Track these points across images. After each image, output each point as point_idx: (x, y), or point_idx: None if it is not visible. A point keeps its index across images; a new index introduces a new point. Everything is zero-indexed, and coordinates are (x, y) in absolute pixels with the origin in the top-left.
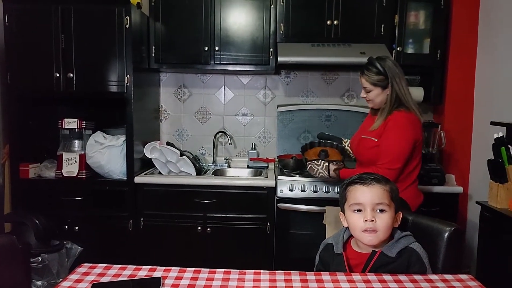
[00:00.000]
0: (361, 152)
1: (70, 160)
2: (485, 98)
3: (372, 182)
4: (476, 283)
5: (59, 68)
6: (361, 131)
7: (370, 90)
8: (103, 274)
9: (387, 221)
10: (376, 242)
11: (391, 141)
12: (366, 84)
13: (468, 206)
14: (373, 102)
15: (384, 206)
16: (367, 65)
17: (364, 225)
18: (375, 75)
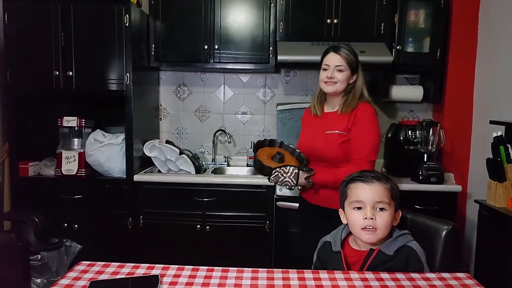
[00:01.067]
0: (329, 150)
1: (69, 158)
2: (485, 97)
3: (373, 180)
4: (473, 281)
5: (59, 67)
6: (319, 129)
7: (343, 70)
8: (101, 272)
9: (387, 220)
10: (375, 240)
11: (366, 132)
12: (341, 62)
13: (467, 205)
14: (337, 86)
15: (384, 205)
16: (339, 46)
17: (364, 223)
18: (352, 55)
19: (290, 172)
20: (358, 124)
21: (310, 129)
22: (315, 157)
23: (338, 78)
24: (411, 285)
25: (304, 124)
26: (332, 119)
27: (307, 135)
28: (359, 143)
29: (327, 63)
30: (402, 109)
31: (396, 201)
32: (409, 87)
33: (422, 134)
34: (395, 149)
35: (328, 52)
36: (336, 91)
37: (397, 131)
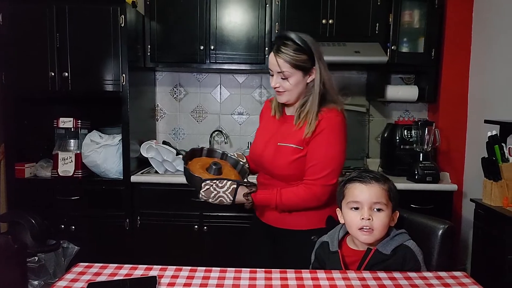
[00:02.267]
0: (280, 166)
1: (66, 160)
2: (479, 96)
3: (371, 181)
4: (470, 280)
5: (54, 68)
6: (272, 136)
7: (288, 76)
8: (99, 273)
9: (384, 220)
10: (372, 241)
11: (327, 148)
12: (284, 67)
13: (463, 204)
14: (289, 94)
15: (381, 205)
16: (281, 40)
17: (361, 223)
18: (296, 53)
19: (227, 187)
20: (318, 136)
21: (264, 134)
22: (264, 169)
23: (286, 87)
24: (408, 284)
25: (261, 122)
26: (288, 128)
27: (259, 142)
28: (316, 161)
29: (269, 67)
30: (397, 109)
31: (394, 202)
32: (404, 87)
33: (418, 134)
34: (391, 148)
35: (272, 50)
36: (288, 100)
37: (393, 130)
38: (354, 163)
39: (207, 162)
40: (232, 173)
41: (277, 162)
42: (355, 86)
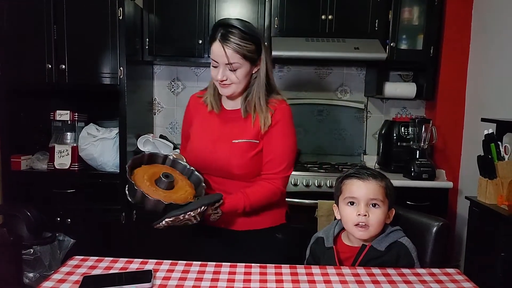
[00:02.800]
0: (238, 164)
1: (62, 152)
2: (477, 94)
3: (368, 177)
4: (463, 277)
5: (51, 60)
6: (222, 134)
7: (237, 68)
8: (94, 266)
9: (380, 217)
10: (367, 237)
11: (284, 140)
12: (234, 58)
13: (458, 201)
14: (236, 87)
15: (378, 202)
16: (225, 28)
17: (357, 219)
18: (245, 42)
19: (198, 213)
20: (274, 129)
21: (208, 132)
22: (217, 171)
23: (233, 79)
24: (401, 280)
25: (195, 120)
26: (237, 122)
27: (203, 142)
28: (276, 153)
29: (214, 58)
30: (395, 106)
31: (390, 200)
32: (402, 84)
33: (415, 131)
34: (388, 145)
35: (214, 39)
36: (234, 93)
37: (390, 127)
38: (351, 159)
39: (154, 172)
40: (186, 185)
41: (235, 161)
42: (353, 83)
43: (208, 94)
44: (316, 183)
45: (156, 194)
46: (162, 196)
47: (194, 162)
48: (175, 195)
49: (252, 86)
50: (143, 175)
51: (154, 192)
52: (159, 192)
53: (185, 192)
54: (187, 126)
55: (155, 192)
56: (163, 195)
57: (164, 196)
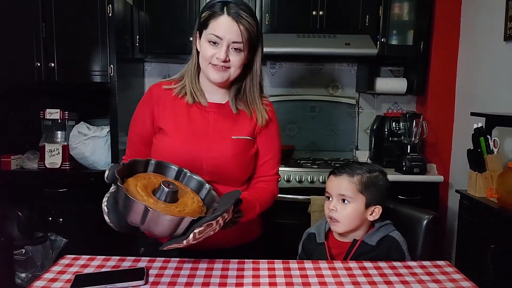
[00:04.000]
0: (241, 166)
1: (53, 151)
2: (466, 89)
3: (341, 173)
4: (453, 269)
5: (40, 58)
6: (212, 130)
7: (241, 49)
8: (86, 265)
9: (349, 213)
10: (340, 231)
11: (278, 142)
12: (239, 37)
13: (449, 195)
14: (229, 73)
15: (347, 198)
16: (238, 4)
17: (328, 213)
18: (253, 22)
19: (219, 223)
20: (269, 127)
21: (195, 127)
22: (207, 173)
23: (234, 62)
24: (393, 273)
25: (166, 114)
26: (230, 117)
27: (192, 137)
28: (274, 153)
29: (219, 33)
30: (386, 101)
31: (369, 196)
32: (393, 79)
33: (406, 126)
34: (380, 140)
35: (220, 13)
36: (227, 80)
37: (382, 122)
38: (343, 154)
39: (152, 182)
40: (189, 191)
41: (235, 160)
42: (345, 78)
43: (188, 84)
44: (309, 179)
45: (161, 210)
46: (172, 211)
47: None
48: (187, 208)
49: (246, 79)
50: (137, 182)
51: (148, 201)
52: (160, 206)
53: (193, 202)
54: (147, 123)
55: (149, 201)
56: (169, 209)
57: (169, 211)
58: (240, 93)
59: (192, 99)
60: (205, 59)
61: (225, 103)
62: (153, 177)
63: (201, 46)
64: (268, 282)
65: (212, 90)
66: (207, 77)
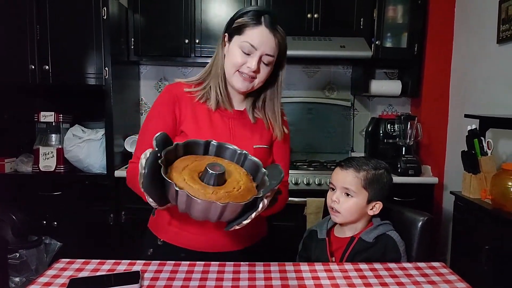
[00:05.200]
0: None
1: (47, 154)
2: (460, 91)
3: (348, 167)
4: (448, 270)
5: (34, 60)
6: (241, 137)
7: (271, 62)
8: (81, 269)
9: (350, 206)
10: (339, 221)
11: (289, 148)
12: (274, 50)
13: (443, 196)
14: (254, 84)
15: (350, 192)
16: (272, 15)
17: (331, 203)
18: (285, 39)
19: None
20: (284, 137)
21: (219, 133)
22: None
23: (261, 75)
24: (388, 274)
25: (186, 116)
26: (249, 125)
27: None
28: (284, 162)
29: (255, 43)
30: (381, 103)
31: (372, 192)
32: (388, 81)
33: (401, 128)
34: (375, 142)
35: (258, 23)
36: (251, 89)
37: (377, 125)
38: (339, 156)
39: (195, 166)
40: (240, 173)
41: None
42: (340, 81)
43: (214, 90)
44: (305, 181)
45: (205, 194)
46: (217, 195)
47: None
48: (234, 192)
49: (266, 90)
50: (180, 171)
51: (202, 191)
52: (208, 191)
53: (239, 183)
54: (169, 122)
55: (203, 191)
56: (215, 194)
57: (216, 194)
58: (258, 102)
59: (216, 105)
60: (234, 65)
61: (243, 110)
62: (198, 158)
63: (231, 52)
64: (264, 285)
65: (231, 96)
66: (231, 84)
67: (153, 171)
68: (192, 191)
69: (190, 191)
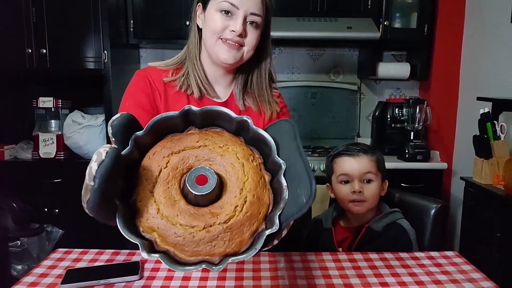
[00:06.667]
0: None
1: (47, 141)
2: (471, 73)
3: (359, 153)
4: (462, 260)
5: (31, 44)
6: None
7: (258, 23)
8: (78, 259)
9: (374, 191)
10: (364, 211)
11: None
12: (258, 8)
13: (452, 182)
14: (246, 52)
15: (371, 176)
16: None
17: (352, 196)
18: None
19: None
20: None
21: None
22: None
23: (250, 40)
24: (399, 264)
25: (163, 105)
26: (239, 112)
27: None
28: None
29: (235, 1)
30: (389, 87)
31: (383, 172)
32: (396, 64)
33: (409, 112)
34: (382, 127)
35: None
36: (237, 62)
37: (384, 109)
38: (344, 142)
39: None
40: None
41: None
42: (346, 64)
43: (192, 73)
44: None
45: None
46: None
47: None
48: (237, 216)
49: (254, 68)
50: (151, 185)
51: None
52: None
53: (243, 192)
54: (147, 106)
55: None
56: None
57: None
58: (247, 87)
59: (199, 93)
60: (214, 32)
61: (227, 99)
62: (178, 144)
63: (208, 19)
64: (270, 276)
65: (214, 80)
66: (215, 57)
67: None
68: (172, 236)
69: (169, 233)
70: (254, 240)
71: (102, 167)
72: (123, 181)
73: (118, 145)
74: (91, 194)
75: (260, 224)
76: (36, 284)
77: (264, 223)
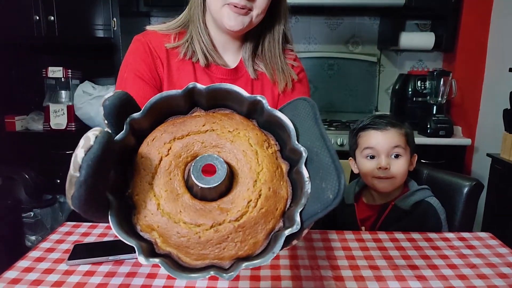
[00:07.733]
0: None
1: (57, 112)
2: (500, 45)
3: (386, 126)
4: (497, 242)
5: (39, 11)
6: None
7: None
8: (87, 233)
9: (403, 167)
10: (391, 189)
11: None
12: None
13: (474, 159)
14: (255, 16)
15: (399, 150)
16: None
17: (378, 173)
18: None
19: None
20: (297, 88)
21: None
22: None
23: (258, 3)
24: (428, 246)
25: (166, 73)
26: (249, 84)
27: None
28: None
29: None
30: (410, 59)
31: (411, 146)
32: (419, 33)
33: (432, 85)
34: (402, 101)
35: None
36: (245, 28)
37: (405, 82)
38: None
39: (180, 152)
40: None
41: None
42: (366, 34)
43: (196, 38)
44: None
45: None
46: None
47: None
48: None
49: (266, 31)
50: (150, 177)
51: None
52: (204, 224)
53: (258, 184)
54: (148, 77)
55: (194, 230)
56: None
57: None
58: (258, 51)
59: (205, 60)
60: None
61: (237, 65)
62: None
63: None
64: (288, 255)
65: (220, 45)
66: (220, 23)
67: (98, 171)
68: (175, 236)
69: (171, 232)
70: (270, 241)
71: (90, 154)
72: (116, 172)
73: (111, 129)
74: (76, 187)
75: (277, 222)
76: (42, 259)
77: (282, 220)
